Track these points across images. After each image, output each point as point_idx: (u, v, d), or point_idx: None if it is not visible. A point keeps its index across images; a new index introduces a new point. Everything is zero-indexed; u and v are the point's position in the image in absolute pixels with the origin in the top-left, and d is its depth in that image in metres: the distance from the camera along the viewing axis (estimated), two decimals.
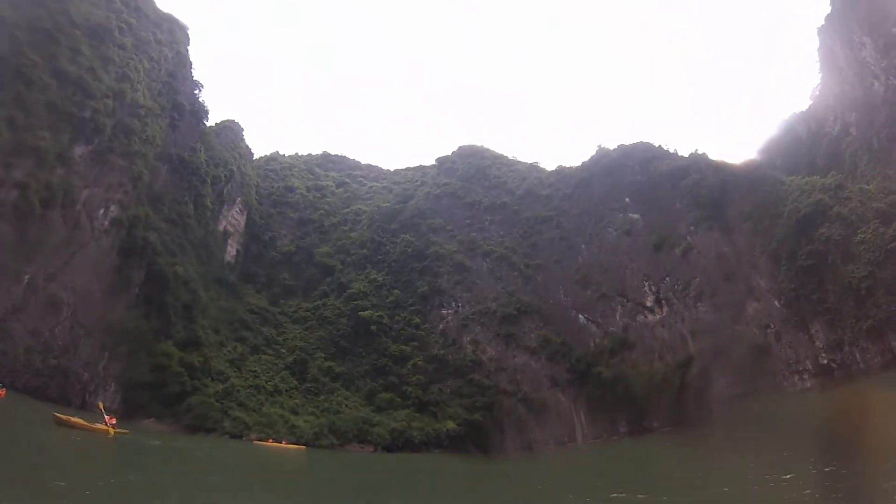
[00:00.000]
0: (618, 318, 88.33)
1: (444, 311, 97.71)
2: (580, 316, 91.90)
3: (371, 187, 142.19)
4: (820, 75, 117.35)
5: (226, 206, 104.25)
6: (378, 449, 76.24)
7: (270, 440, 69.52)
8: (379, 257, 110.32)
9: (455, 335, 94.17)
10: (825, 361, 69.32)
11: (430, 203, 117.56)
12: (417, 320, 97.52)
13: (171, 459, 42.58)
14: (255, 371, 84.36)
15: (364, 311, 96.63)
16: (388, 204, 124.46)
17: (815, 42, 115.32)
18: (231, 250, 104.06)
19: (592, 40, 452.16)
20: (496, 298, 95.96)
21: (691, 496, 27.82)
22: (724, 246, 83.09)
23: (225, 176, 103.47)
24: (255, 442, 69.11)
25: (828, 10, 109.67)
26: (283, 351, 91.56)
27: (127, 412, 61.76)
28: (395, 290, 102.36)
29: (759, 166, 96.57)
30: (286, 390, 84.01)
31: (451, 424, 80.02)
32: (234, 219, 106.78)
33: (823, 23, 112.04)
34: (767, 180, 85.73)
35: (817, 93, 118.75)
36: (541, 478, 52.97)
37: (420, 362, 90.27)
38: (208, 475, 36.72)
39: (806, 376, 70.71)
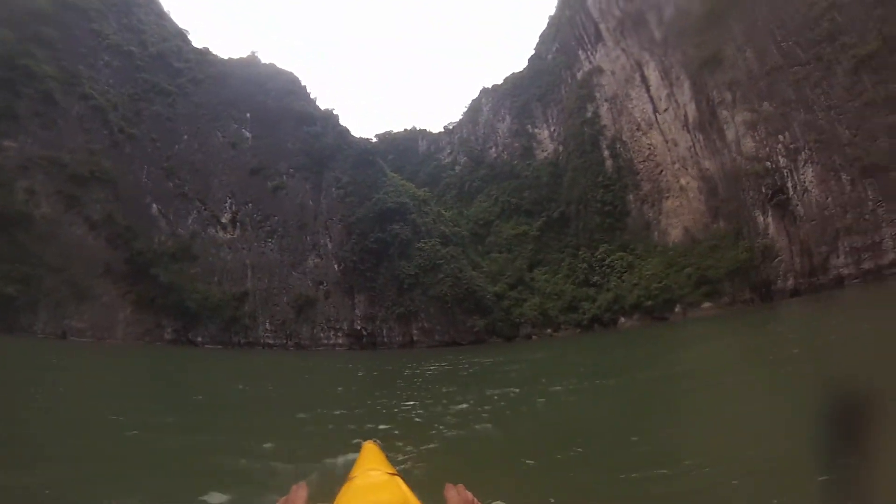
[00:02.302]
0: (190, 221, 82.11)
1: (7, 143, 76.66)
2: (154, 205, 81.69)
3: None
4: (461, 117, 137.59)
5: None
6: None
7: None
8: None
9: (11, 175, 73.44)
10: (359, 328, 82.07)
11: (60, 11, 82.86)
12: None
13: None
14: None
15: None
16: None
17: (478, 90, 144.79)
18: None
19: None
20: (74, 151, 75.83)
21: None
22: (311, 200, 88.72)
23: None
24: None
25: (499, 82, 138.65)
26: None
27: None
28: None
29: (371, 151, 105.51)
30: None
31: None
32: None
33: (490, 86, 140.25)
34: (373, 166, 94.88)
35: (451, 127, 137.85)
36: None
37: None
38: None
39: (340, 335, 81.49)
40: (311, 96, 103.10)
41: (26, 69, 76.82)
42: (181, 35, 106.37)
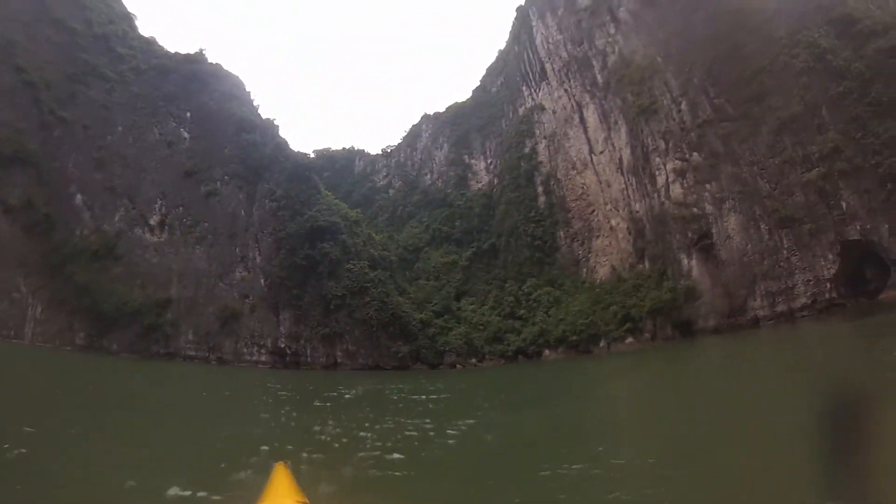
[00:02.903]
0: (117, 218, 76.69)
1: None
2: (79, 196, 75.83)
3: None
4: (399, 141, 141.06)
5: None
6: None
7: None
8: None
9: None
10: (283, 346, 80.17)
11: None
12: None
13: None
14: None
15: None
16: None
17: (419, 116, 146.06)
18: None
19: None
20: None
21: None
22: (243, 210, 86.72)
23: None
24: None
25: (441, 110, 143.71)
26: None
27: None
28: None
29: (308, 166, 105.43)
30: None
31: None
32: None
33: (432, 113, 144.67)
34: (308, 182, 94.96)
35: (389, 150, 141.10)
36: None
37: None
38: None
39: (264, 352, 79.16)
40: (254, 103, 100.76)
41: None
42: (128, 19, 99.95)
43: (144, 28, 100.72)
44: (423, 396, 39.18)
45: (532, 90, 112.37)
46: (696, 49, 74.87)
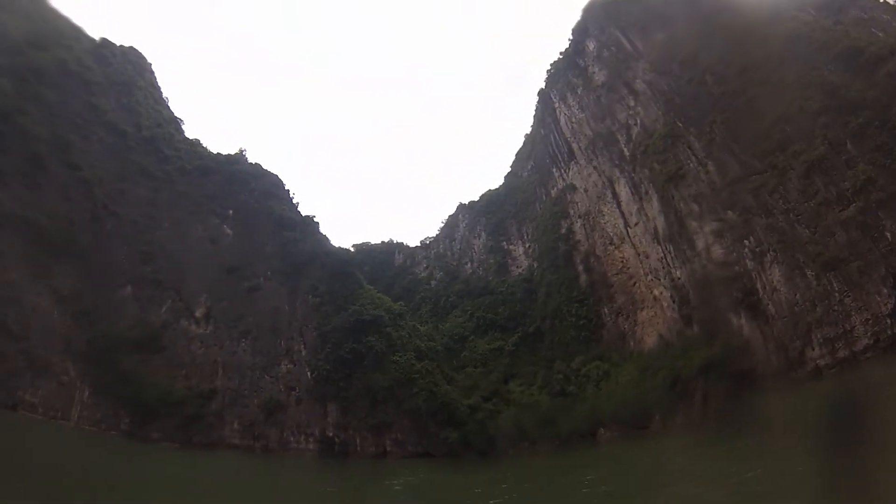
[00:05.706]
0: (163, 310, 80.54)
1: None
2: (129, 287, 79.27)
3: None
4: (437, 232, 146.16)
5: None
6: None
7: None
8: None
9: None
10: (331, 434, 79.41)
11: (63, 76, 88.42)
12: None
13: None
14: None
15: None
16: None
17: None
18: None
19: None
20: (53, 217, 73.24)
21: None
22: (286, 305, 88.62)
23: None
24: None
25: (476, 198, 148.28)
26: None
27: None
28: None
29: (349, 261, 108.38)
30: None
31: None
32: None
33: (467, 202, 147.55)
34: (350, 276, 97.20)
35: (427, 242, 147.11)
36: None
37: None
38: None
39: (311, 441, 78.54)
40: (294, 201, 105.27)
41: (20, 127, 74.95)
42: (175, 123, 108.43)
43: (190, 129, 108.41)
44: None
45: (562, 171, 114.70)
46: (713, 109, 76.42)
